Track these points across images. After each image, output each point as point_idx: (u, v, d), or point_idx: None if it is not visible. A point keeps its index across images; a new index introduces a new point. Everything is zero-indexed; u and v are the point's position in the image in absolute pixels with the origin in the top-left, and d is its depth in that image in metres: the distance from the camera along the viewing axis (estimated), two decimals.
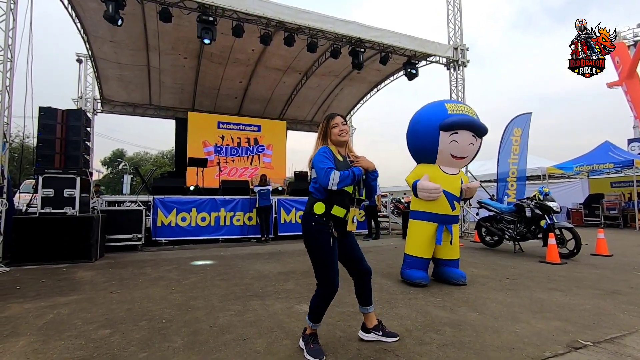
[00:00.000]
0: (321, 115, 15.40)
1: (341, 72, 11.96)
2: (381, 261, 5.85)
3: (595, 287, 4.07)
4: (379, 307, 3.28)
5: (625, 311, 3.15)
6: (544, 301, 3.49)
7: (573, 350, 2.33)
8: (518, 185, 8.50)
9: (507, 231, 6.83)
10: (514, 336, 2.58)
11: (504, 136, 8.85)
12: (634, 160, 12.47)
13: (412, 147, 4.48)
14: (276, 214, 9.06)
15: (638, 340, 2.50)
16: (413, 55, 9.48)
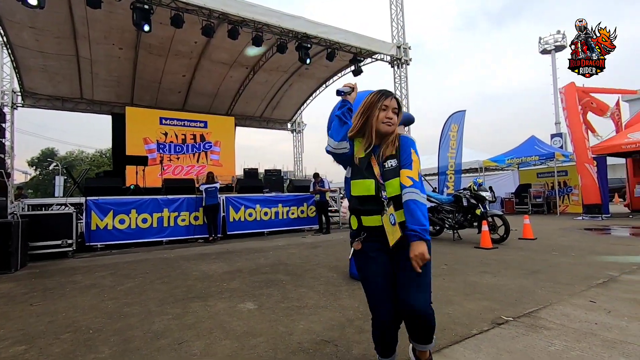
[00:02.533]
0: (271, 111, 15.23)
1: (289, 67, 11.89)
2: (330, 255, 5.92)
3: (520, 267, 4.46)
4: (323, 300, 3.31)
5: (542, 288, 3.49)
6: (476, 284, 3.75)
7: (496, 326, 2.53)
8: (456, 177, 9.08)
9: (446, 221, 7.26)
10: (447, 317, 2.74)
11: (443, 132, 9.39)
12: (555, 153, 13.91)
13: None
14: (224, 213, 8.80)
15: (550, 312, 2.78)
16: (359, 53, 9.69)
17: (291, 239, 8.46)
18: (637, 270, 4.10)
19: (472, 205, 6.81)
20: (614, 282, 3.64)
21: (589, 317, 2.65)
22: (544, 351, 2.11)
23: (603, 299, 3.07)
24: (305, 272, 4.56)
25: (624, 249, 5.53)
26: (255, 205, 9.28)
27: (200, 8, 7.23)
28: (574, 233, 7.80)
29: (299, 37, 8.47)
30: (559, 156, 13.81)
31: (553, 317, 2.67)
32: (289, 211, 9.84)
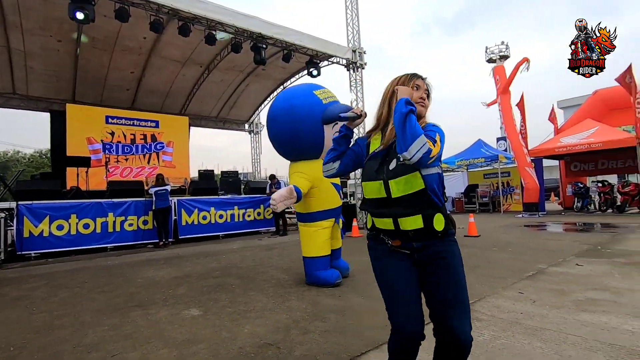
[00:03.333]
0: (228, 111, 14.89)
1: (245, 67, 11.70)
2: (285, 257, 5.89)
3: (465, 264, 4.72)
4: (272, 303, 3.29)
5: (480, 282, 3.72)
6: None
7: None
8: None
9: None
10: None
11: None
12: (499, 156, 14.94)
13: (291, 147, 4.02)
14: (176, 216, 8.45)
15: (484, 304, 2.97)
16: (315, 55, 9.76)
17: (247, 241, 8.32)
18: (563, 262, 4.50)
19: None
20: (541, 274, 3.97)
21: (516, 307, 2.86)
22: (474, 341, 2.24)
23: (530, 290, 3.34)
24: (257, 275, 4.50)
25: (555, 244, 6.06)
26: (210, 208, 9.01)
27: (147, 2, 6.89)
28: (514, 230, 8.41)
29: (254, 37, 8.37)
30: (502, 158, 14.84)
31: (486, 308, 2.85)
32: (245, 213, 9.67)
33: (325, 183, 3.96)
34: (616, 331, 2.30)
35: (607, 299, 2.95)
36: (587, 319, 2.53)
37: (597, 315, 2.59)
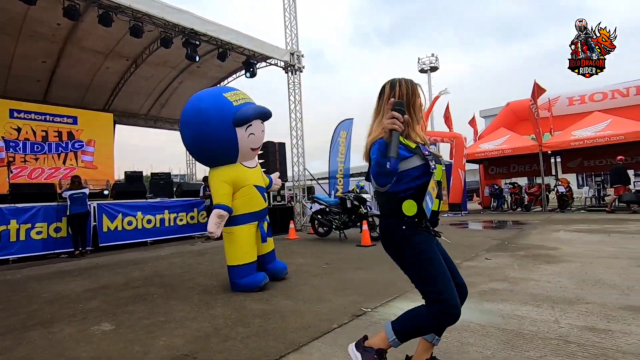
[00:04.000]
0: (159, 108, 14.00)
1: (179, 64, 11.11)
2: (216, 262, 5.69)
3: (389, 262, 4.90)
4: (194, 311, 3.15)
5: (403, 279, 3.92)
6: (349, 280, 4.04)
7: (355, 318, 2.76)
8: (345, 181, 9.72)
9: (334, 222, 7.69)
10: (314, 315, 2.87)
11: (333, 138, 9.96)
12: None
13: (205, 152, 3.90)
14: (96, 222, 7.71)
15: (403, 300, 3.16)
16: (252, 55, 9.61)
17: (178, 247, 7.88)
18: (475, 257, 4.96)
19: (356, 206, 7.37)
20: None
21: None
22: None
23: None
24: (183, 283, 4.28)
25: (471, 240, 6.67)
26: (136, 212, 8.37)
27: None
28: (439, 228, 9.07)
29: (186, 32, 7.98)
30: None
31: (403, 303, 3.03)
32: (176, 218, 9.15)
33: (249, 187, 3.89)
34: (508, 317, 2.59)
35: (506, 289, 3.32)
36: (487, 308, 2.82)
37: (496, 304, 2.89)
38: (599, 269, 3.89)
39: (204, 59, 10.35)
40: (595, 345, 2.06)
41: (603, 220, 8.83)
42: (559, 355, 1.97)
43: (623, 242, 5.46)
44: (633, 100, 13.51)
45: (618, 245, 5.21)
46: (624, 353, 1.95)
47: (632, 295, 2.93)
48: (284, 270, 4.21)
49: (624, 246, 5.14)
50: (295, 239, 8.33)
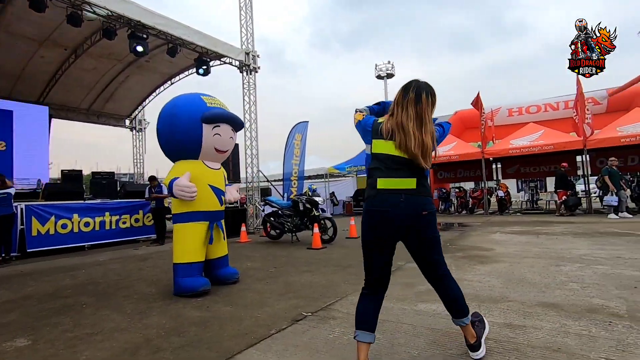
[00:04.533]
0: (103, 103, 13.11)
1: (125, 56, 10.47)
2: (158, 267, 5.42)
3: (337, 264, 5.04)
4: (126, 321, 2.97)
5: (347, 281, 4.02)
6: (294, 283, 4.04)
7: (294, 322, 2.75)
8: (299, 183, 9.73)
9: (286, 224, 7.66)
10: (253, 321, 2.83)
11: (288, 140, 9.93)
12: None
13: (171, 143, 4.03)
14: (23, 225, 7.02)
15: (343, 303, 3.21)
16: (205, 53, 9.32)
17: (120, 252, 7.41)
18: None
19: (308, 209, 7.40)
20: (399, 270, 4.49)
21: None
22: (324, 339, 2.40)
23: None
24: (118, 291, 4.02)
25: None
26: (72, 214, 7.75)
27: None
28: None
29: (132, 24, 7.55)
30: None
31: (343, 307, 3.09)
32: (119, 220, 8.60)
33: (203, 185, 3.85)
34: (439, 317, 2.73)
35: None
36: (421, 309, 2.95)
37: (429, 304, 3.04)
38: (524, 268, 4.23)
39: (153, 53, 9.87)
40: (510, 341, 2.23)
41: (535, 222, 9.64)
42: None
43: (548, 243, 5.99)
44: (562, 114, 14.91)
45: (543, 246, 5.71)
46: (533, 347, 2.13)
47: (547, 292, 3.22)
48: (234, 275, 4.19)
49: (548, 247, 5.64)
50: (246, 242, 8.18)
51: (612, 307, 2.75)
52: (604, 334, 2.27)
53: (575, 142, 11.98)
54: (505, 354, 2.07)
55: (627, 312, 2.65)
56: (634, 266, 4.07)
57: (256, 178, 10.44)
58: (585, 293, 3.15)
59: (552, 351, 2.07)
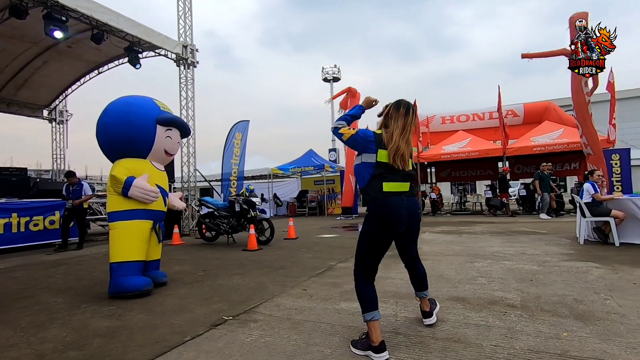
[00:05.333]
0: (14, 90, 11.62)
1: (42, 39, 9.37)
2: (70, 274, 4.91)
3: (269, 266, 4.98)
4: (18, 336, 2.63)
5: (276, 283, 3.98)
6: (221, 287, 3.90)
7: (212, 328, 2.65)
8: (238, 183, 9.48)
9: (222, 225, 7.41)
10: (168, 329, 2.67)
11: (228, 139, 9.64)
12: (325, 165, 16.80)
13: (121, 140, 3.93)
14: None
15: (268, 305, 3.16)
16: (137, 42, 8.69)
17: (29, 257, 6.61)
18: (350, 258, 5.31)
19: (245, 210, 7.23)
20: (330, 270, 4.56)
21: (294, 304, 3.17)
22: (240, 344, 2.34)
23: (314, 286, 3.78)
24: (15, 302, 3.56)
25: (352, 242, 7.14)
26: None
27: None
28: (327, 231, 9.52)
29: (48, 4, 6.78)
30: (327, 168, 16.75)
31: (267, 309, 3.04)
32: (30, 222, 7.67)
33: (152, 184, 3.84)
34: (358, 314, 2.79)
35: None
36: (343, 307, 3.01)
37: (351, 303, 3.11)
38: (444, 265, 4.54)
39: (77, 38, 8.98)
40: (417, 334, 2.36)
41: (461, 222, 10.44)
42: (387, 346, 2.19)
43: (468, 242, 6.51)
44: (487, 123, 16.37)
45: (464, 244, 6.20)
46: (436, 339, 2.28)
47: (459, 287, 3.49)
48: (162, 277, 4.11)
49: (467, 245, 6.13)
50: (179, 244, 7.78)
51: (509, 299, 3.05)
52: (498, 323, 2.50)
53: (496, 149, 13.22)
54: (411, 347, 2.18)
55: (520, 302, 2.95)
56: (534, 261, 4.57)
57: (193, 178, 9.98)
58: (490, 287, 3.46)
59: (453, 342, 2.22)
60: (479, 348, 2.12)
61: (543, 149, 12.39)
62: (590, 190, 5.74)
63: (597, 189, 5.75)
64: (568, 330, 2.33)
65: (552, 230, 7.76)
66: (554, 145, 12.19)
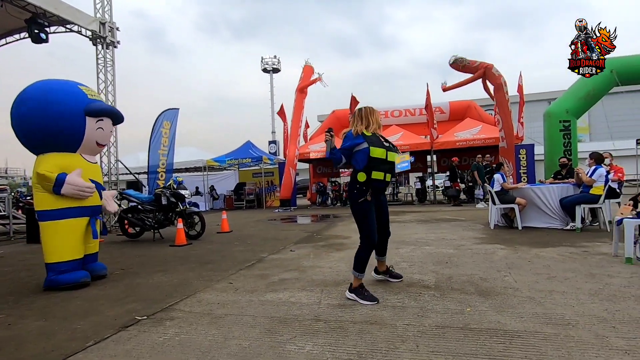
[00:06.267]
0: None
1: None
2: None
3: (197, 261, 4.74)
4: None
5: (201, 278, 3.79)
6: (139, 285, 3.61)
7: (122, 329, 2.43)
8: (167, 176, 8.88)
9: (147, 220, 6.89)
10: (68, 335, 2.39)
11: (155, 129, 8.96)
12: (263, 157, 16.51)
13: (44, 133, 3.63)
14: None
15: (189, 301, 2.99)
16: (42, 14, 7.62)
17: None
18: (282, 250, 5.28)
19: (173, 203, 6.80)
20: (260, 262, 4.48)
21: (218, 298, 3.04)
22: (151, 344, 2.17)
23: (241, 279, 3.67)
24: None
25: (286, 234, 7.12)
26: None
27: None
28: (264, 223, 9.38)
29: None
30: (265, 160, 16.48)
31: (187, 306, 2.88)
32: None
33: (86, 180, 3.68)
34: (282, 304, 2.79)
35: (293, 278, 3.61)
36: (268, 298, 2.97)
37: (277, 294, 3.08)
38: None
39: None
40: (337, 320, 2.41)
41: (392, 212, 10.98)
42: (306, 333, 2.20)
43: (396, 229, 6.85)
44: (417, 119, 17.40)
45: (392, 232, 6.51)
46: (354, 322, 2.34)
47: None
48: (102, 270, 4.03)
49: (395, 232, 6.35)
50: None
51: (425, 281, 3.27)
52: (412, 304, 2.66)
53: (424, 143, 14.13)
54: (330, 332, 2.21)
55: (435, 283, 3.18)
56: (451, 245, 4.97)
57: (115, 170, 9.12)
58: (410, 270, 3.67)
59: (369, 324, 2.31)
60: (392, 328, 2.22)
61: (464, 144, 13.53)
62: (499, 180, 6.39)
63: (505, 179, 6.42)
64: (472, 306, 2.55)
65: (470, 217, 8.52)
66: (473, 140, 13.38)
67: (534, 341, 1.95)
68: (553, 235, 5.43)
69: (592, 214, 6.29)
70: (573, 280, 3.09)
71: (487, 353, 1.84)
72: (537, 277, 3.21)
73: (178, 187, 6.85)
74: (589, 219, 6.30)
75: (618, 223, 3.74)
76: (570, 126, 12.41)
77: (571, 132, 12.43)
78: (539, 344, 1.92)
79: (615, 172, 6.60)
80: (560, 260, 3.85)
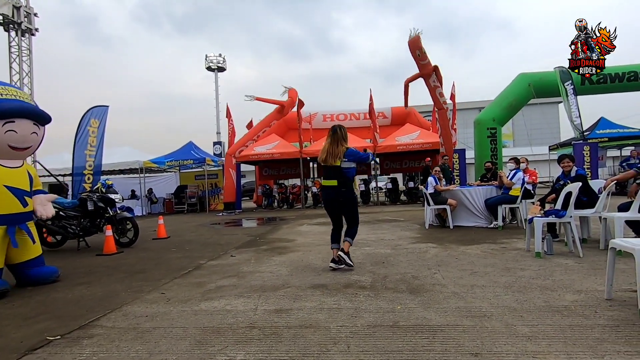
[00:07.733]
0: None
1: None
2: None
3: (127, 271, 4.41)
4: None
5: (130, 289, 3.52)
6: (55, 301, 3.26)
7: (28, 353, 2.16)
8: (95, 179, 8.15)
9: (69, 228, 6.26)
10: None
11: (80, 127, 8.17)
12: (206, 159, 15.89)
13: None
14: None
15: (112, 316, 2.76)
16: None
17: None
18: (222, 255, 5.11)
19: (101, 208, 6.26)
20: (197, 269, 4.29)
21: (147, 310, 2.85)
22: None
23: (174, 288, 3.48)
24: None
25: (228, 238, 6.91)
26: None
27: None
28: (205, 228, 9.02)
29: None
30: (209, 161, 15.88)
31: (110, 321, 2.65)
32: None
33: None
34: (217, 313, 2.69)
35: (231, 284, 3.50)
36: (202, 308, 2.84)
37: (212, 302, 2.97)
38: (313, 255, 4.76)
39: None
40: (272, 326, 2.38)
41: None
42: (239, 342, 2.14)
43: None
44: (362, 123, 17.96)
45: None
46: (289, 327, 2.33)
47: (322, 275, 3.69)
48: (53, 274, 3.96)
49: None
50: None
51: (362, 281, 3.37)
52: (348, 305, 2.72)
53: (368, 147, 14.61)
54: (263, 339, 2.18)
55: (370, 283, 3.29)
56: (388, 245, 5.19)
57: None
58: (349, 272, 3.76)
59: (304, 328, 2.31)
60: (326, 330, 2.25)
61: (405, 147, 14.26)
62: (432, 183, 6.82)
63: (438, 182, 6.87)
64: (402, 304, 2.68)
65: (408, 217, 8.98)
66: (413, 145, 14.15)
67: (454, 334, 2.10)
68: (479, 233, 5.92)
69: (511, 213, 6.98)
70: (492, 274, 3.39)
71: (412, 349, 1.94)
72: (462, 273, 3.47)
73: (107, 191, 6.32)
74: (509, 217, 6.98)
75: (529, 221, 4.19)
76: (496, 133, 13.67)
77: (497, 138, 13.70)
78: (458, 336, 2.07)
79: (530, 175, 7.38)
80: (482, 256, 4.20)
